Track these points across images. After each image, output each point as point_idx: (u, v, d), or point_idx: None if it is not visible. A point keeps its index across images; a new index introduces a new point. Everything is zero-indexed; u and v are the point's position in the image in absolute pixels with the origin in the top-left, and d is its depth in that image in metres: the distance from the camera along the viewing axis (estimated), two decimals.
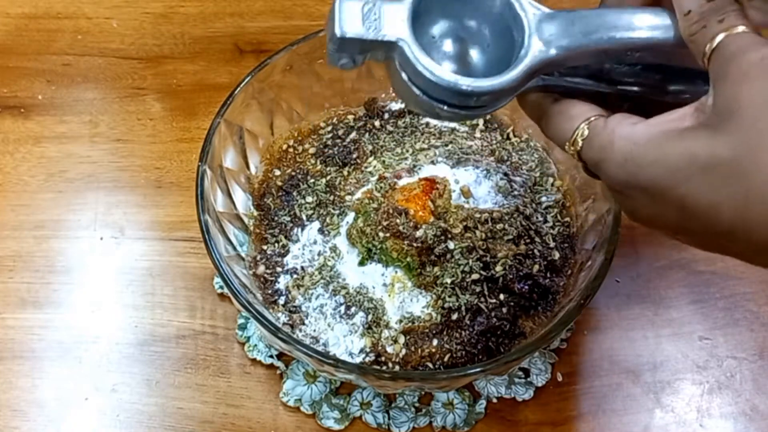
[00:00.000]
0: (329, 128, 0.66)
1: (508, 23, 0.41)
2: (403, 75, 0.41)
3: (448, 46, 0.43)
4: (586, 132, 0.39)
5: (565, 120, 0.40)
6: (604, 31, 0.39)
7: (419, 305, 0.57)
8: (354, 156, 0.64)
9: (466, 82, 0.39)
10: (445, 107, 0.41)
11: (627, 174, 0.37)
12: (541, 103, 0.42)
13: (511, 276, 0.57)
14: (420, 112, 0.44)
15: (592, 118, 0.39)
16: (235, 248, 0.58)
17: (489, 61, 0.43)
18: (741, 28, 0.35)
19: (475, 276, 0.56)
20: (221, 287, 0.62)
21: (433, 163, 0.62)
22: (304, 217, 0.61)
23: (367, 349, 0.55)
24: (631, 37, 0.39)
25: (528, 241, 0.59)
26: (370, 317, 0.56)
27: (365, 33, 0.40)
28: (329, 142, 0.65)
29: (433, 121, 0.66)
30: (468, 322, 0.56)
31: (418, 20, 0.41)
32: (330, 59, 0.42)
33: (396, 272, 0.58)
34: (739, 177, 0.33)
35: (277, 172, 0.63)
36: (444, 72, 0.39)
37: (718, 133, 0.34)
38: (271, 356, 0.59)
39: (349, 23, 0.40)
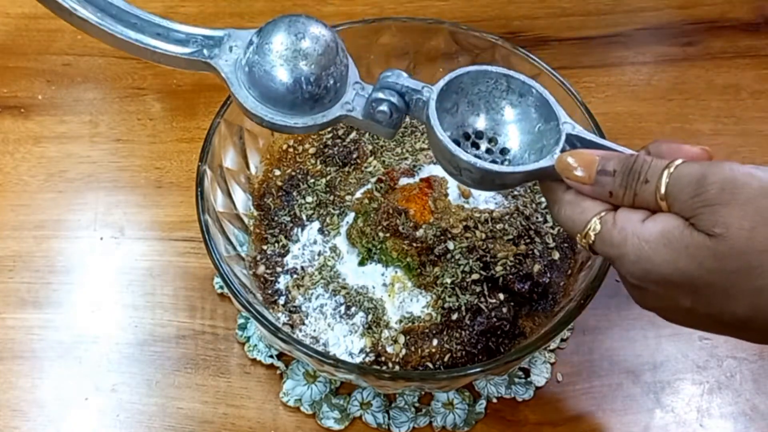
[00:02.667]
0: (329, 128, 0.66)
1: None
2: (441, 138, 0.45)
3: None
4: (599, 226, 0.41)
5: (577, 211, 0.42)
6: None
7: (419, 305, 0.57)
8: (354, 156, 0.64)
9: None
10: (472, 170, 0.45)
11: (641, 271, 0.39)
12: (556, 189, 0.44)
13: (511, 276, 0.57)
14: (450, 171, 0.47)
15: (603, 213, 0.41)
16: (235, 248, 0.58)
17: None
18: (676, 163, 0.39)
19: (475, 276, 0.56)
20: (221, 287, 0.62)
21: (433, 163, 0.62)
22: (304, 217, 0.61)
23: (367, 349, 0.55)
24: None
25: (528, 241, 0.59)
26: (370, 317, 0.56)
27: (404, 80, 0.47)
28: (329, 142, 0.65)
29: None
30: (468, 322, 0.56)
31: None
32: (367, 112, 0.47)
33: (396, 272, 0.58)
34: (749, 277, 0.36)
35: (277, 172, 0.63)
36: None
37: (719, 243, 0.37)
38: (271, 356, 0.59)
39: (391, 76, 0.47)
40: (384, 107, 0.46)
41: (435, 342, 0.55)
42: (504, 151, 0.48)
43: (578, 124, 0.45)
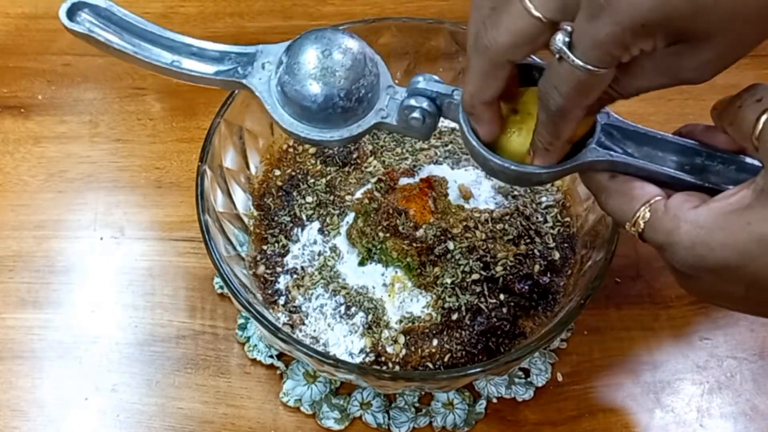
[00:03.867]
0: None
1: None
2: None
3: None
4: (648, 215, 0.40)
5: (625, 201, 0.41)
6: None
7: (419, 305, 0.57)
8: (354, 156, 0.64)
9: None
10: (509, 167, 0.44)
11: (695, 257, 0.37)
12: (600, 179, 0.43)
13: (511, 276, 0.57)
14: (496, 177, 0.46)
15: (653, 201, 0.40)
16: (235, 248, 0.58)
17: None
18: None
19: (475, 276, 0.56)
20: (221, 287, 0.62)
21: (433, 163, 0.62)
22: (304, 217, 0.61)
23: (367, 349, 0.55)
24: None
25: (528, 241, 0.59)
26: (370, 317, 0.56)
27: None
28: None
29: None
30: (468, 322, 0.56)
31: None
32: (401, 116, 0.46)
33: (396, 272, 0.58)
34: None
35: (277, 172, 0.63)
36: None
37: None
38: (271, 356, 0.59)
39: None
40: (416, 114, 0.45)
41: (435, 342, 0.55)
42: None
43: (613, 112, 0.44)
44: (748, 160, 0.41)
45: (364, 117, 0.47)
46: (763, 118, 0.36)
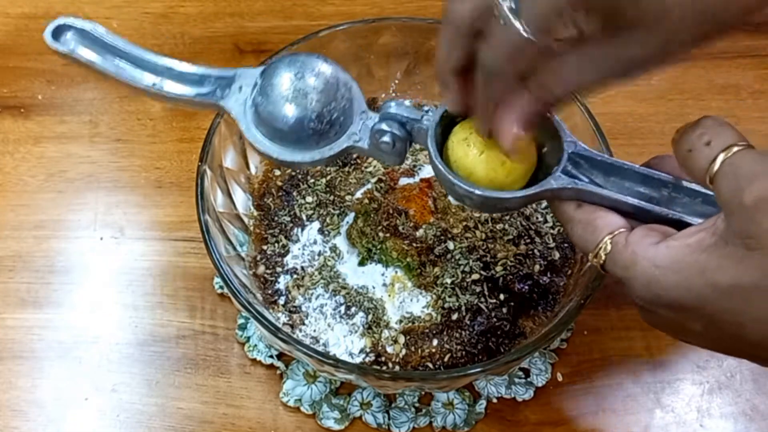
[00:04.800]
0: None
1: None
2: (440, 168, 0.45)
3: None
4: (609, 247, 0.40)
5: (589, 231, 0.41)
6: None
7: (419, 305, 0.57)
8: (354, 156, 0.64)
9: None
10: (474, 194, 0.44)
11: (651, 294, 0.38)
12: (566, 209, 0.43)
13: (511, 276, 0.57)
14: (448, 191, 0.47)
15: (616, 233, 0.40)
16: (235, 248, 0.58)
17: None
18: (735, 148, 0.36)
19: (475, 276, 0.56)
20: (221, 287, 0.62)
21: None
22: (304, 217, 0.61)
23: (367, 349, 0.55)
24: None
25: (528, 241, 0.59)
26: (370, 317, 0.56)
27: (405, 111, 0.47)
28: None
29: None
30: (468, 322, 0.56)
31: None
32: (371, 143, 0.47)
33: (396, 272, 0.58)
34: (764, 300, 0.34)
35: (277, 172, 0.63)
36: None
37: (740, 262, 0.34)
38: (271, 356, 0.59)
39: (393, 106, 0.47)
40: (387, 138, 0.46)
41: (435, 342, 0.55)
42: None
43: (581, 142, 0.44)
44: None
45: (336, 140, 0.47)
46: (716, 166, 0.36)
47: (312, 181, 0.62)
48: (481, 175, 0.44)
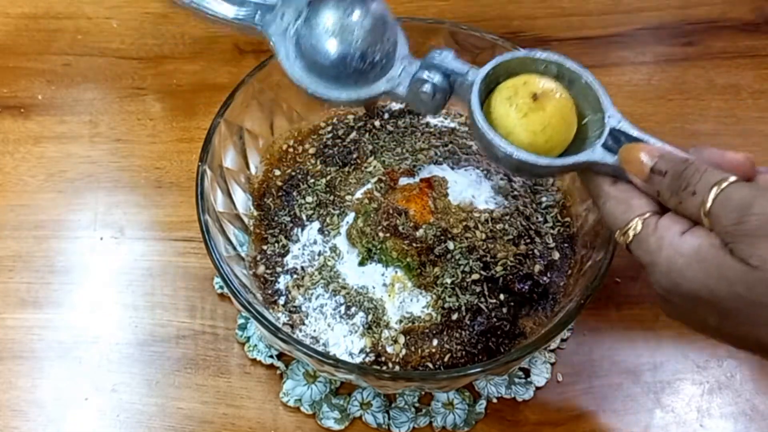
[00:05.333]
0: (329, 128, 0.66)
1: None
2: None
3: None
4: (639, 227, 0.41)
5: (621, 209, 0.42)
6: None
7: (419, 305, 0.57)
8: (354, 156, 0.64)
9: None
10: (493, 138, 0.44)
11: (670, 282, 0.39)
12: (600, 183, 0.44)
13: (511, 276, 0.57)
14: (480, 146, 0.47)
15: (647, 215, 0.41)
16: (235, 248, 0.58)
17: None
18: (723, 185, 0.38)
19: (475, 276, 0.56)
20: (221, 287, 0.62)
21: (433, 163, 0.62)
22: (304, 217, 0.61)
23: (367, 349, 0.55)
24: None
25: (528, 241, 0.59)
26: (370, 317, 0.56)
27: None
28: (329, 142, 0.65)
29: (433, 121, 0.66)
30: (468, 322, 0.56)
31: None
32: (409, 94, 0.47)
33: (396, 272, 0.57)
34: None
35: (277, 172, 0.63)
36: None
37: (752, 273, 0.36)
38: (271, 356, 0.59)
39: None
40: (427, 87, 0.45)
41: (435, 342, 0.55)
42: None
43: (625, 118, 0.44)
44: None
45: (375, 83, 0.46)
46: (708, 205, 0.38)
47: (312, 181, 0.62)
48: (520, 137, 0.44)
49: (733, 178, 0.38)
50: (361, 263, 0.58)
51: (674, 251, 0.39)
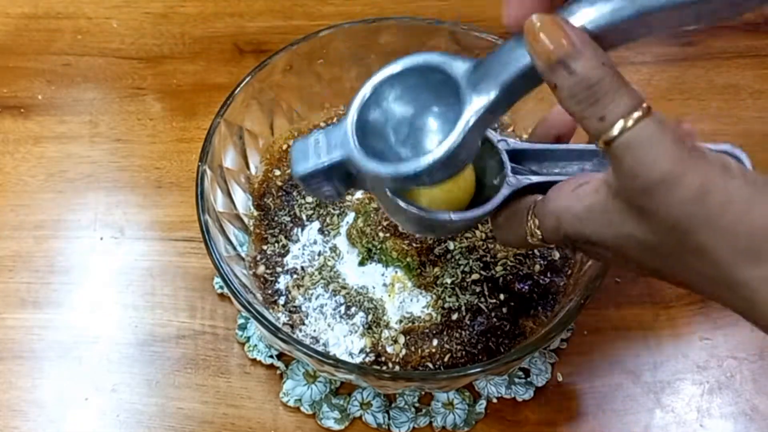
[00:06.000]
0: None
1: (451, 91, 0.40)
2: (388, 192, 0.43)
3: (413, 136, 0.42)
4: (536, 220, 0.41)
5: (515, 226, 0.43)
6: (516, 60, 0.37)
7: (419, 305, 0.57)
8: None
9: (407, 167, 0.39)
10: (428, 215, 0.42)
11: (568, 233, 0.39)
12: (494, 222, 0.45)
13: (511, 276, 0.57)
14: (415, 230, 0.46)
15: (533, 205, 0.41)
16: (235, 248, 0.58)
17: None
18: (636, 114, 0.34)
19: (475, 276, 0.56)
20: (221, 287, 0.62)
21: None
22: (304, 217, 0.61)
23: (367, 349, 0.55)
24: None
25: None
26: (370, 317, 0.56)
27: (316, 163, 0.41)
28: None
29: None
30: (468, 322, 0.56)
31: (372, 130, 0.41)
32: (314, 196, 0.45)
33: (396, 272, 0.58)
34: (671, 256, 0.36)
35: (277, 172, 0.63)
36: (382, 165, 0.39)
37: (641, 223, 0.36)
38: (271, 356, 0.59)
39: (301, 161, 0.42)
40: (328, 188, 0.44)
41: (435, 342, 0.55)
42: None
43: (509, 138, 0.44)
44: None
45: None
46: (614, 132, 0.34)
47: None
48: (434, 198, 0.44)
49: (641, 112, 0.34)
50: (361, 263, 0.58)
51: (567, 212, 0.39)
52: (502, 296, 0.56)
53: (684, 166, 0.33)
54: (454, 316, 0.56)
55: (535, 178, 0.43)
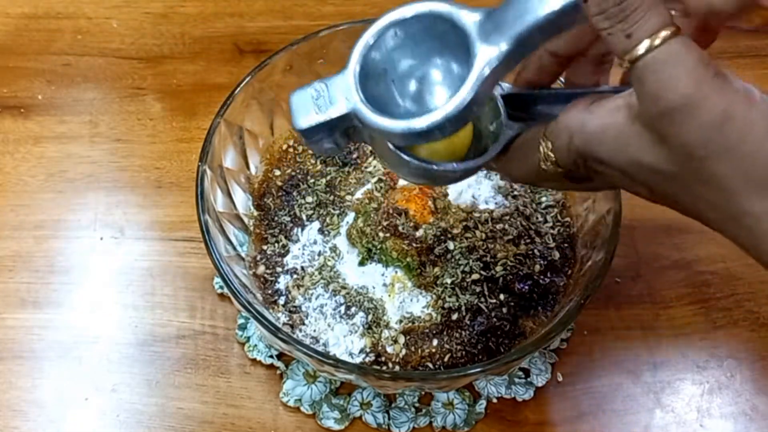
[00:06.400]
0: None
1: (459, 42, 0.39)
2: (389, 145, 0.41)
3: (415, 88, 0.41)
4: (550, 144, 0.39)
5: (527, 151, 0.41)
6: (532, 10, 0.36)
7: (419, 305, 0.57)
8: (354, 156, 0.64)
9: (419, 123, 0.38)
10: (434, 167, 0.41)
11: (579, 150, 0.38)
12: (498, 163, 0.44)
13: (511, 276, 0.57)
14: (416, 181, 0.44)
15: (544, 131, 0.40)
16: (235, 248, 0.58)
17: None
18: (664, 33, 0.33)
19: (475, 276, 0.56)
20: (221, 287, 0.62)
21: None
22: (304, 217, 0.61)
23: (367, 349, 0.55)
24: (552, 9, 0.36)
25: (528, 241, 0.59)
26: (370, 317, 0.56)
27: (319, 117, 0.40)
28: None
29: None
30: (468, 322, 0.56)
31: (372, 81, 0.40)
32: (312, 150, 0.43)
33: (396, 272, 0.58)
34: (684, 184, 0.35)
35: (277, 172, 0.63)
36: (392, 121, 0.38)
37: (657, 148, 0.35)
38: (271, 356, 0.59)
39: (303, 114, 0.40)
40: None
41: (435, 342, 0.55)
42: None
43: (502, 83, 0.42)
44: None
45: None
46: (640, 51, 0.34)
47: (312, 181, 0.62)
48: (434, 150, 0.43)
49: (667, 32, 0.33)
50: (361, 263, 0.58)
51: (590, 126, 0.37)
52: (502, 296, 0.56)
53: (707, 89, 0.33)
54: (454, 316, 0.56)
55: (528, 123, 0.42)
